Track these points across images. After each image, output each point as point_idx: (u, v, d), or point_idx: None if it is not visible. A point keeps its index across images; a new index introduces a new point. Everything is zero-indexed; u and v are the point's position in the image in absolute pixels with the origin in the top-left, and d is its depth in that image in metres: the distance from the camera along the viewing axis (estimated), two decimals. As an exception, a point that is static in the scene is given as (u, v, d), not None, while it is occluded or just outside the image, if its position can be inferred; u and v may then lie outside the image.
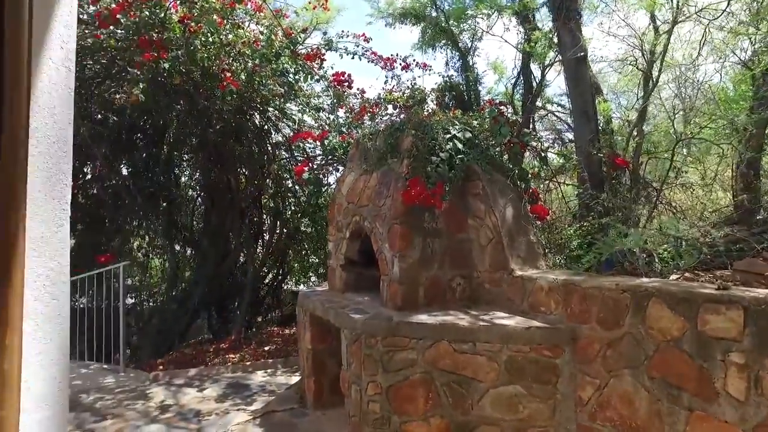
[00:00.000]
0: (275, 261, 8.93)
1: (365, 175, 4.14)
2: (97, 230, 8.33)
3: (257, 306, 8.79)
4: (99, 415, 4.38)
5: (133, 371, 5.78)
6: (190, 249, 9.24)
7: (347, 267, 4.32)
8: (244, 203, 8.17)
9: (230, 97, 6.25)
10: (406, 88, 6.91)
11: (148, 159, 8.14)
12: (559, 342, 2.84)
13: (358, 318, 3.24)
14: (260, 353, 6.22)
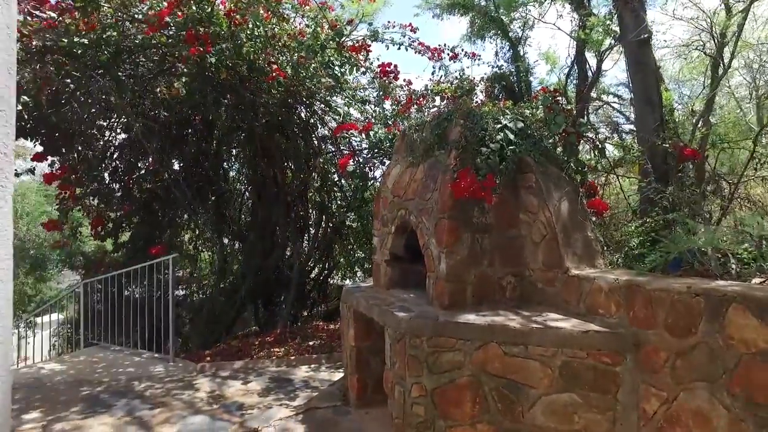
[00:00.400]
0: (321, 255, 8.97)
1: (411, 168, 4.02)
2: (152, 223, 8.62)
3: (303, 300, 8.87)
4: (148, 402, 4.50)
5: (182, 361, 5.93)
6: (238, 242, 9.42)
7: (392, 263, 4.22)
8: (290, 197, 8.23)
9: (276, 91, 6.28)
10: (454, 79, 6.72)
11: (197, 153, 8.35)
12: (620, 348, 2.62)
13: (403, 316, 3.13)
14: (304, 348, 6.24)
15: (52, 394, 4.89)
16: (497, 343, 2.79)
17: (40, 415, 4.34)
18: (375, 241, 4.58)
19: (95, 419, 4.16)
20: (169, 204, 8.44)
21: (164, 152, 7.96)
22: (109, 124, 7.60)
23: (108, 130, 7.80)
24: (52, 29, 5.43)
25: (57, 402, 4.65)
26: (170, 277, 5.97)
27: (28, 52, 5.26)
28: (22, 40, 5.12)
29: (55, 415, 4.29)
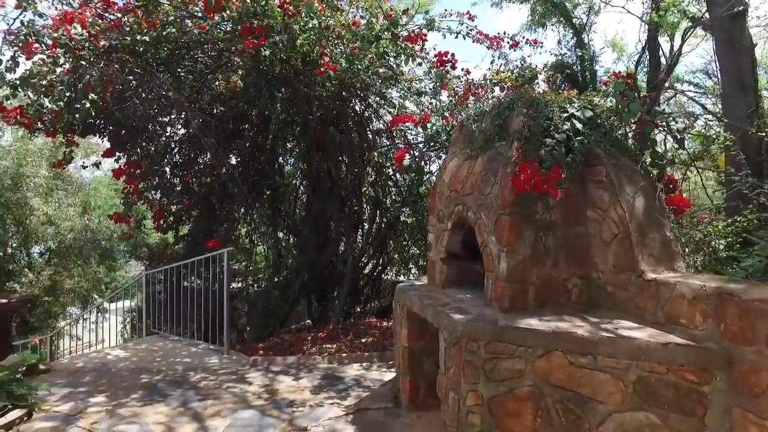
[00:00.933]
0: (375, 251, 8.91)
1: (469, 161, 3.82)
2: (210, 217, 8.88)
3: (356, 296, 8.85)
4: (202, 394, 4.59)
5: (236, 354, 6.03)
6: (293, 236, 9.54)
7: (448, 261, 4.04)
8: (344, 191, 8.21)
9: (330, 84, 6.24)
10: (514, 67, 6.42)
11: (253, 148, 8.49)
12: (709, 365, 2.33)
13: (459, 319, 2.96)
14: (356, 345, 6.19)
15: (116, 380, 5.11)
16: (562, 351, 2.57)
17: (104, 399, 4.53)
18: (430, 238, 4.42)
19: (152, 407, 4.28)
20: (226, 198, 8.65)
21: (221, 147, 8.15)
22: (170, 120, 7.88)
23: (169, 126, 8.09)
24: (118, 29, 5.64)
25: (120, 388, 4.85)
26: (225, 270, 6.09)
27: (96, 52, 5.49)
28: (90, 40, 5.35)
29: (118, 401, 4.46)
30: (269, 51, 5.47)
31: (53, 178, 12.84)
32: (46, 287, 11.83)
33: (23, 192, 11.71)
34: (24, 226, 12.13)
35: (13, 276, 11.52)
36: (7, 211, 11.89)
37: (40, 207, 11.86)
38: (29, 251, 13.18)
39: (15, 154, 11.78)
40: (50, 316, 12.17)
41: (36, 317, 11.83)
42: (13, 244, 12.90)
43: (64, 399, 4.56)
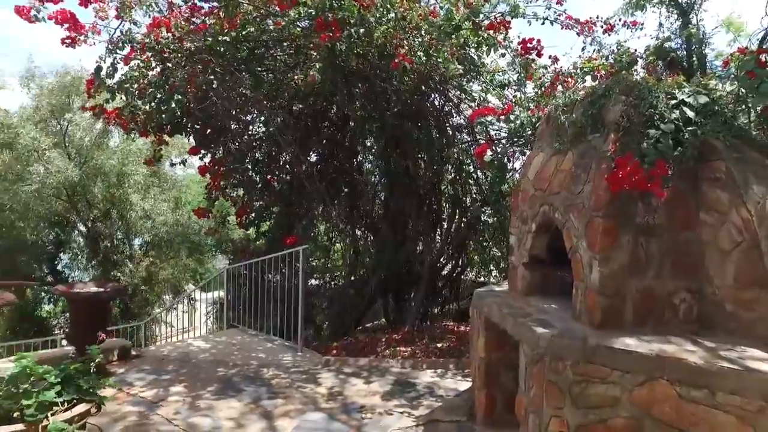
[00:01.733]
0: (454, 251, 8.62)
1: (557, 156, 3.46)
2: (290, 214, 9.05)
3: (433, 297, 8.63)
4: (273, 392, 4.61)
5: (309, 352, 6.05)
6: (370, 235, 9.49)
7: (531, 266, 3.71)
8: (422, 190, 8.01)
9: (408, 77, 6.06)
10: (609, 53, 5.86)
11: (333, 145, 8.53)
12: None
13: (543, 333, 2.65)
14: (431, 350, 5.97)
15: (195, 371, 5.30)
16: (669, 380, 2.18)
17: (183, 389, 4.70)
18: (512, 240, 4.09)
19: (225, 402, 4.36)
20: (305, 195, 8.77)
21: (300, 145, 8.26)
22: (252, 119, 8.11)
23: (251, 124, 8.34)
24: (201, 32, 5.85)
25: (198, 379, 5.01)
26: (301, 268, 6.12)
27: (181, 54, 5.72)
28: (175, 42, 5.58)
29: (195, 392, 4.60)
30: (345, 45, 5.40)
31: (150, 175, 13.89)
32: (143, 277, 12.85)
33: (125, 188, 12.79)
34: (125, 220, 13.26)
35: (117, 265, 12.64)
36: (113, 206, 13.06)
37: (138, 202, 12.88)
38: (131, 243, 14.40)
39: (119, 154, 12.90)
40: (147, 304, 13.18)
41: (135, 305, 12.88)
42: (118, 236, 14.13)
43: (149, 385, 4.80)
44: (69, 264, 14.28)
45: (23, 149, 11.48)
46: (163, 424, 3.88)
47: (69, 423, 1.96)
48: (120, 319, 12.34)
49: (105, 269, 12.69)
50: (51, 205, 12.43)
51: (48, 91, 12.68)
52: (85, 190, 12.42)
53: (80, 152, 12.60)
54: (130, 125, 6.43)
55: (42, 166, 11.72)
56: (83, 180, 12.19)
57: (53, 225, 13.31)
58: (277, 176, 8.85)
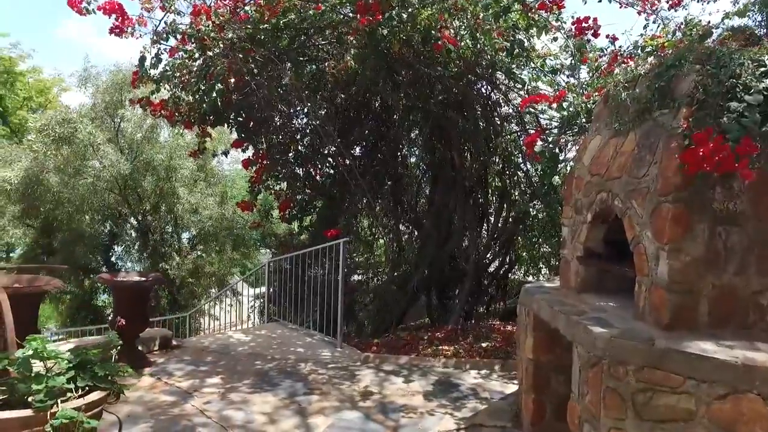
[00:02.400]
0: (501, 247, 8.25)
1: (617, 138, 3.11)
2: (333, 207, 8.95)
3: (479, 295, 8.29)
4: (309, 387, 4.47)
5: (348, 348, 5.90)
6: (414, 229, 9.25)
7: (586, 260, 3.37)
8: (468, 182, 7.70)
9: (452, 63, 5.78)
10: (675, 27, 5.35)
11: (376, 137, 8.35)
12: None
13: (600, 333, 2.34)
14: (476, 349, 5.68)
15: (233, 363, 5.25)
16: (760, 395, 1.83)
17: (219, 381, 4.64)
18: (564, 232, 3.76)
19: (260, 396, 4.26)
20: (348, 189, 8.64)
21: (343, 137, 8.13)
22: (294, 111, 8.03)
23: (295, 116, 8.28)
24: (243, 21, 5.78)
25: (234, 371, 4.95)
26: (340, 262, 5.97)
27: (221, 43, 5.68)
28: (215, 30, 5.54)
29: (231, 385, 4.53)
30: (387, 30, 5.18)
31: (197, 170, 14.20)
32: (190, 270, 13.16)
33: (172, 182, 13.14)
34: (173, 214, 13.63)
35: (165, 258, 13.01)
36: (162, 199, 13.45)
37: (185, 196, 13.19)
38: (179, 236, 14.80)
39: (167, 149, 13.27)
40: (194, 296, 13.49)
41: (182, 296, 13.22)
42: (168, 229, 14.55)
43: (186, 376, 4.79)
44: (122, 256, 14.87)
45: (80, 144, 11.99)
46: (195, 415, 3.82)
47: (79, 410, 1.86)
48: (168, 310, 12.69)
49: (154, 261, 13.09)
50: (104, 198, 12.94)
51: (102, 89, 13.20)
52: (135, 183, 12.85)
53: (131, 147, 13.06)
54: (174, 117, 6.47)
55: (97, 161, 12.23)
56: (133, 174, 12.62)
57: (107, 218, 13.87)
58: (320, 169, 8.76)
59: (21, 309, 4.46)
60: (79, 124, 12.09)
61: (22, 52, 19.93)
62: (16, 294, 4.38)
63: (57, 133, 11.96)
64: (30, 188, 12.07)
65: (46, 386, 1.84)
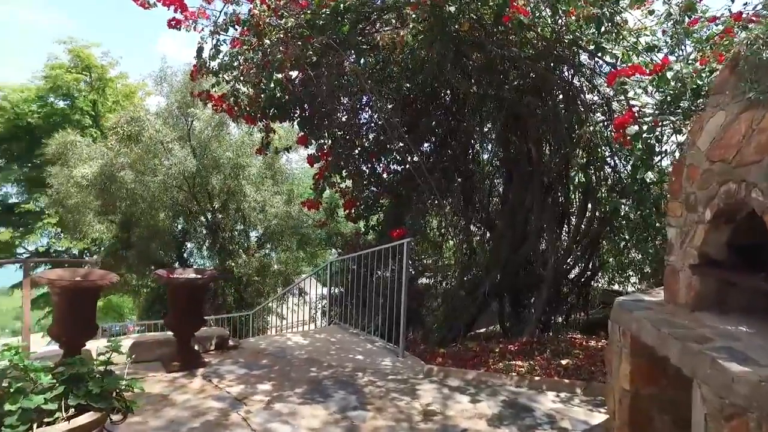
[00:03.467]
0: (584, 251, 7.43)
1: (752, 111, 2.41)
2: (400, 206, 8.53)
3: (557, 305, 7.53)
4: (363, 401, 4.07)
5: (411, 357, 5.44)
6: (486, 230, 8.62)
7: (703, 269, 2.68)
8: (547, 178, 6.98)
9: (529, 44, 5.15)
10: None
11: (444, 131, 7.83)
12: None
13: (743, 374, 1.71)
14: (554, 367, 5.01)
15: (287, 369, 4.97)
16: None
17: (270, 388, 4.37)
18: (670, 235, 3.07)
19: (310, 408, 3.91)
20: (416, 187, 8.18)
21: (409, 131, 7.69)
22: (360, 105, 7.71)
23: (360, 110, 7.95)
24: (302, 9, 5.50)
25: (288, 378, 4.66)
26: (404, 263, 5.53)
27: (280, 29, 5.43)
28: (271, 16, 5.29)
29: (280, 393, 4.24)
30: (454, 6, 4.67)
31: (265, 168, 14.34)
32: (256, 268, 13.27)
33: (239, 180, 13.32)
34: (241, 212, 13.83)
35: (232, 255, 13.21)
36: (230, 197, 13.69)
37: (252, 194, 13.31)
38: (248, 234, 15.03)
39: (234, 147, 13.48)
40: (260, 295, 13.60)
41: (249, 295, 13.37)
42: (238, 227, 14.82)
43: (238, 380, 4.56)
44: (193, 252, 15.34)
45: (149, 142, 12.46)
46: (238, 427, 3.52)
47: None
48: (234, 308, 12.86)
49: (222, 259, 13.34)
50: (174, 196, 13.36)
51: (176, 89, 13.65)
52: (204, 181, 13.15)
53: (200, 144, 13.38)
54: (234, 111, 6.34)
55: (166, 159, 12.64)
56: (201, 171, 12.91)
57: (178, 214, 14.34)
58: (387, 166, 8.38)
59: (79, 303, 4.44)
60: (146, 123, 12.55)
61: (112, 59, 21.58)
62: (76, 288, 4.35)
63: (125, 131, 12.51)
64: (105, 184, 12.73)
65: (20, 407, 1.55)
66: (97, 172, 12.44)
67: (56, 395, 1.57)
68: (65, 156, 13.62)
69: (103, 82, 21.21)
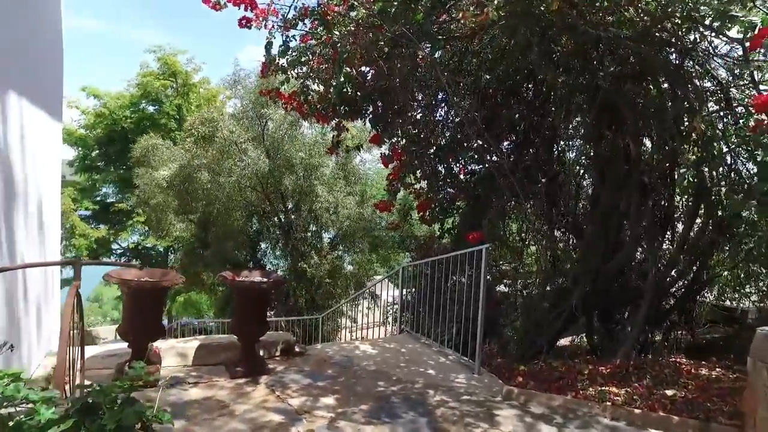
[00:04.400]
0: (691, 262, 6.55)
1: None
2: (478, 208, 8.07)
3: (657, 322, 6.70)
4: (435, 426, 3.73)
5: (488, 375, 5.02)
6: (572, 237, 7.91)
7: None
8: (647, 177, 6.22)
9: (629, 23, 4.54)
10: None
11: (526, 127, 7.28)
12: None
13: None
14: (657, 398, 4.34)
15: (353, 381, 4.74)
16: None
17: (333, 402, 4.15)
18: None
19: (375, 429, 3.61)
20: (495, 188, 7.67)
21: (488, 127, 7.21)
22: (434, 100, 7.34)
23: (435, 107, 7.59)
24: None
25: (353, 392, 4.43)
26: (482, 272, 5.11)
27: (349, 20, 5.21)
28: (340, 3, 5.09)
29: (344, 409, 4.00)
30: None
31: (339, 169, 14.33)
32: (328, 270, 13.24)
33: (311, 181, 13.38)
34: (314, 213, 13.89)
35: (304, 257, 13.27)
36: (303, 198, 13.80)
37: (324, 195, 13.31)
38: (320, 236, 15.10)
39: (306, 147, 13.56)
40: (332, 297, 13.59)
41: (320, 297, 13.38)
42: (311, 228, 14.94)
43: (301, 391, 4.39)
44: (266, 252, 15.66)
45: (223, 143, 12.83)
46: (296, 446, 3.30)
47: None
48: (305, 310, 12.92)
49: (294, 260, 13.46)
50: (248, 196, 13.67)
51: (250, 90, 13.97)
52: (277, 182, 13.33)
53: (273, 145, 13.59)
54: (303, 109, 6.22)
55: (240, 160, 12.95)
56: (274, 171, 13.09)
57: (252, 215, 14.69)
58: (463, 166, 7.96)
59: (145, 302, 4.46)
60: (219, 123, 12.93)
61: (195, 65, 22.92)
62: (141, 288, 4.37)
63: (200, 132, 12.96)
64: (183, 185, 13.28)
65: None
66: (175, 173, 13.03)
67: (67, 429, 1.35)
68: (148, 158, 14.43)
69: (187, 87, 22.50)
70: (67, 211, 20.16)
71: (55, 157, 5.15)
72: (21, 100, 3.90)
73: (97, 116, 21.95)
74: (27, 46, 4.21)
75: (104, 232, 21.80)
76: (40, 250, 4.50)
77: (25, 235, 4.09)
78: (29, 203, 4.18)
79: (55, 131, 5.09)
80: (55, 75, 5.35)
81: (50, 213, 4.85)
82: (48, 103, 4.71)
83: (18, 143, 3.86)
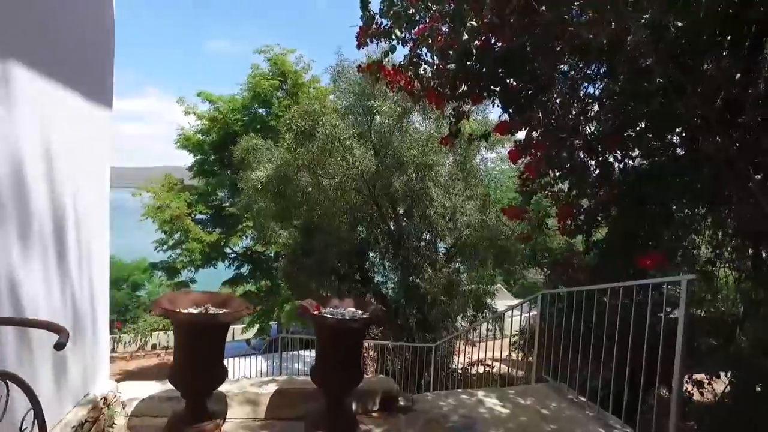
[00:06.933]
0: None
1: None
2: (639, 215, 6.29)
3: None
4: None
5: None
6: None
7: None
8: None
9: None
10: None
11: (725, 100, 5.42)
12: None
13: None
14: None
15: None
16: None
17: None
18: None
19: None
20: (669, 189, 5.86)
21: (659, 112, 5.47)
22: (582, 71, 5.79)
23: (584, 80, 6.03)
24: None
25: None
26: (681, 312, 3.57)
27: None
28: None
29: None
30: None
31: (456, 168, 12.94)
32: (444, 286, 11.84)
33: (425, 182, 12.10)
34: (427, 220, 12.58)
35: (416, 270, 11.98)
36: (415, 202, 12.56)
37: (439, 199, 11.96)
38: (435, 246, 13.76)
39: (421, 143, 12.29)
40: (447, 317, 12.22)
41: (433, 316, 12.05)
42: (426, 237, 13.68)
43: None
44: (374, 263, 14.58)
45: (324, 139, 11.95)
46: None
47: None
48: (417, 331, 11.69)
49: (405, 274, 12.26)
50: (351, 199, 12.73)
51: (354, 81, 13.01)
52: (385, 183, 12.19)
53: (381, 141, 12.52)
54: (414, 87, 5.07)
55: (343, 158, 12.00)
56: (382, 171, 11.97)
57: (357, 221, 13.75)
58: (621, 160, 6.27)
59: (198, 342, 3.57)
60: (320, 117, 12.09)
61: (305, 64, 23.04)
62: (193, 323, 3.47)
63: (298, 126, 12.22)
64: (279, 187, 12.69)
65: None
66: (271, 175, 12.46)
67: None
68: (248, 160, 14.13)
69: (296, 87, 22.63)
70: (181, 215, 21.17)
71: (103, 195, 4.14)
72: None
73: (211, 120, 22.86)
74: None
75: (215, 237, 22.59)
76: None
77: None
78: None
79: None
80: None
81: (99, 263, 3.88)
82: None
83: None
